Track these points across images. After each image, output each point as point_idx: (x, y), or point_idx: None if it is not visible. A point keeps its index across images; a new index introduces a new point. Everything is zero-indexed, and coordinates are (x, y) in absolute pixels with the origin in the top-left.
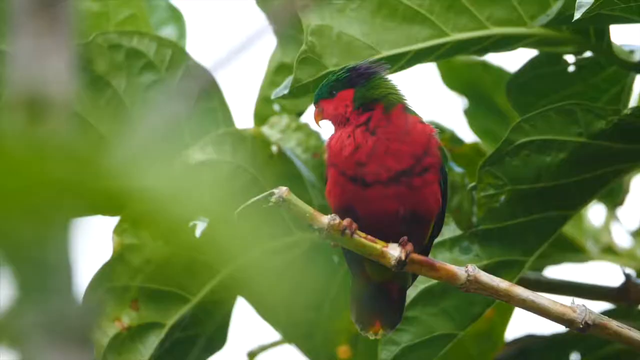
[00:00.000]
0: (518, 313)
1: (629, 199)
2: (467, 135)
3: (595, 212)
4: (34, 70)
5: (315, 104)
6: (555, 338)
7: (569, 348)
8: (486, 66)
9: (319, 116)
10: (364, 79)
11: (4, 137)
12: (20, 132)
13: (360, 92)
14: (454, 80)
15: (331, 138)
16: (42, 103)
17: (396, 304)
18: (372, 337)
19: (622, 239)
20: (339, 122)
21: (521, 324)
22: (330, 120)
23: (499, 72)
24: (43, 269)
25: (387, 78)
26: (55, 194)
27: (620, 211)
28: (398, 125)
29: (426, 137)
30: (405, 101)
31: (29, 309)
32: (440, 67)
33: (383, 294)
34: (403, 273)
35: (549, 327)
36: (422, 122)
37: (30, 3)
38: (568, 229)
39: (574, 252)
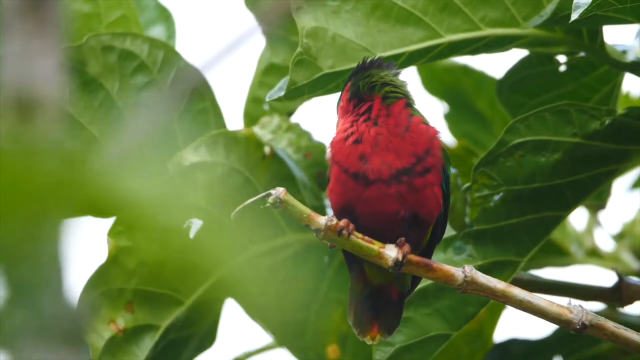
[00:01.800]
0: (507, 313)
1: (611, 202)
2: (448, 140)
3: (577, 216)
4: (23, 71)
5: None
6: (538, 342)
7: (552, 352)
8: (467, 70)
9: (336, 127)
10: (359, 73)
11: None
12: (10, 132)
13: (353, 82)
14: (435, 85)
15: (334, 137)
16: (31, 104)
17: (395, 308)
18: (369, 342)
19: (605, 242)
20: (342, 117)
21: (510, 324)
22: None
23: (480, 76)
24: (35, 270)
25: (385, 72)
26: (47, 195)
27: (603, 215)
28: (399, 118)
29: (429, 137)
30: (410, 98)
31: (21, 311)
32: (420, 72)
33: (382, 297)
34: (402, 276)
35: (533, 331)
36: (425, 123)
37: (20, 4)
38: (552, 233)
39: (559, 255)
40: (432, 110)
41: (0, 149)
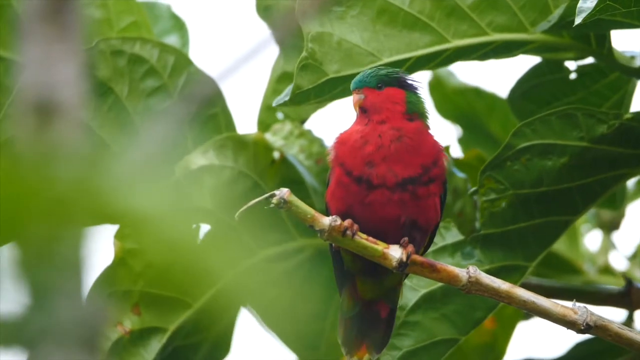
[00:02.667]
0: (523, 330)
1: (625, 224)
2: None
3: (591, 238)
4: (43, 76)
5: (357, 89)
6: None
7: None
8: (479, 92)
9: (359, 102)
10: (414, 88)
11: (13, 144)
12: (30, 138)
13: (413, 98)
14: (448, 108)
15: (342, 136)
16: (51, 109)
17: (384, 325)
18: None
19: (618, 263)
20: (379, 118)
21: (523, 340)
22: (370, 110)
23: (492, 98)
24: (52, 274)
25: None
26: (66, 201)
27: (616, 236)
28: (416, 130)
29: (436, 150)
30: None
31: (38, 314)
32: (433, 96)
33: (372, 314)
34: (392, 291)
35: (549, 351)
36: (433, 136)
37: (40, 9)
38: (566, 251)
39: (572, 273)
40: (445, 133)
41: (20, 155)
